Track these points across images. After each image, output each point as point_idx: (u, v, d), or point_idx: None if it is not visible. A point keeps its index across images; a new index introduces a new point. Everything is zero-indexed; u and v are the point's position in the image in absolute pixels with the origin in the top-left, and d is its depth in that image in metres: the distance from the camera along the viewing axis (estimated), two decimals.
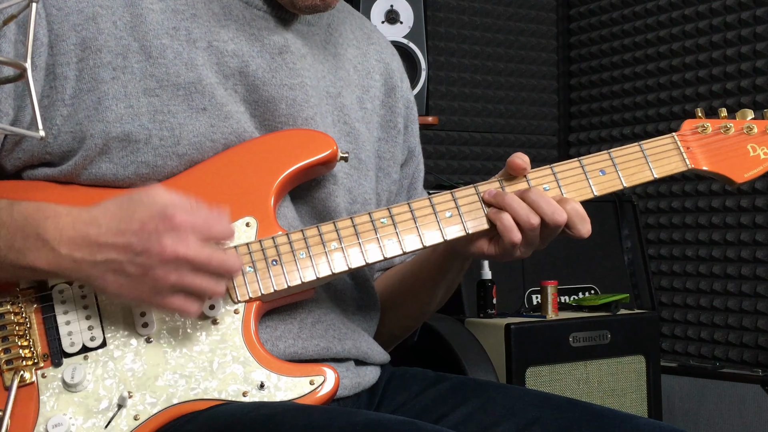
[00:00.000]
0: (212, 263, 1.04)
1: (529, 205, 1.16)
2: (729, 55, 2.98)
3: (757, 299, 2.89)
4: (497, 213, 1.17)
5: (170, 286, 1.03)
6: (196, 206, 1.05)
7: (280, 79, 1.21)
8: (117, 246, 1.03)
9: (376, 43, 1.41)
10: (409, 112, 1.43)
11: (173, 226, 1.02)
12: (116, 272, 1.03)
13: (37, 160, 1.15)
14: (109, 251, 1.03)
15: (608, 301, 2.50)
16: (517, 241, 1.16)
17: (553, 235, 1.18)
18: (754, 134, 1.28)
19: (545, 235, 1.18)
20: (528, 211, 1.16)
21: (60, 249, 1.04)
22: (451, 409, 1.22)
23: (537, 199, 1.16)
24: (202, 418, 1.07)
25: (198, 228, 1.04)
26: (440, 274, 1.33)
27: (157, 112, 1.14)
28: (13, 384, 1.07)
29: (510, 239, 1.16)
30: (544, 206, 1.16)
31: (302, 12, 1.23)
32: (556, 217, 1.15)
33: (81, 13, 1.13)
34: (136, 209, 1.04)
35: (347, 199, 1.26)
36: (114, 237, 1.03)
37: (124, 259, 1.03)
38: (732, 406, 2.63)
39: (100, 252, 1.03)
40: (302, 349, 1.18)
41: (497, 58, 3.43)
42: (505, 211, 1.16)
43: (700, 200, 3.07)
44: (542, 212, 1.16)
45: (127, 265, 1.03)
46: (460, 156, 3.36)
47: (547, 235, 1.18)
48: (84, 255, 1.04)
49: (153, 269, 1.02)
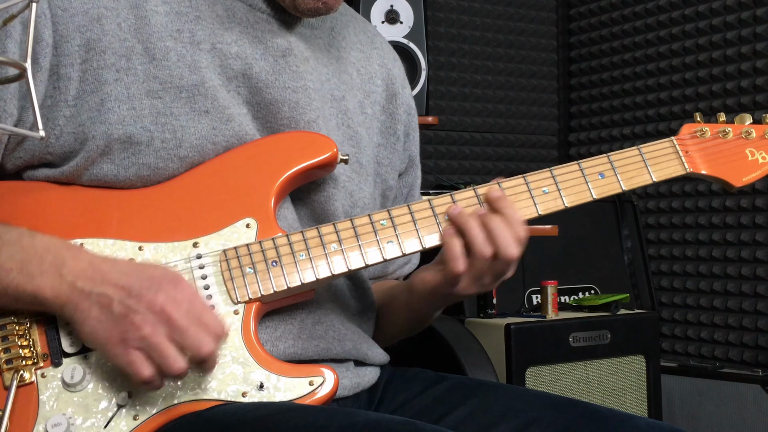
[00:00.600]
0: (188, 334, 1.03)
1: (489, 232, 1.14)
2: (729, 55, 2.98)
3: (757, 299, 2.89)
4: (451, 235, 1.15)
5: (139, 337, 1.02)
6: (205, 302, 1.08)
7: (283, 82, 1.21)
8: (118, 285, 1.04)
9: (379, 48, 1.41)
10: (410, 120, 1.43)
11: (175, 288, 1.04)
12: (102, 307, 1.04)
13: (38, 161, 1.15)
14: (107, 287, 1.04)
15: (608, 301, 2.50)
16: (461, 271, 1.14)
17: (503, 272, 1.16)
18: (752, 139, 1.29)
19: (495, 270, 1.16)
20: (484, 240, 1.14)
21: (67, 276, 1.05)
22: (451, 409, 1.22)
23: (495, 227, 1.14)
24: (202, 418, 1.07)
25: (195, 304, 1.05)
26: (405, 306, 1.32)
27: (159, 114, 1.14)
28: (13, 384, 1.07)
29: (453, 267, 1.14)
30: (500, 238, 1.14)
31: (305, 15, 1.23)
32: (509, 251, 1.14)
33: (86, 15, 1.13)
34: (154, 268, 1.08)
35: (348, 203, 1.26)
36: (120, 277, 1.05)
37: (116, 297, 1.03)
38: (732, 406, 2.63)
39: (101, 286, 1.04)
40: (302, 349, 1.18)
41: (497, 58, 3.43)
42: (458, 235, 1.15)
43: (700, 200, 3.07)
44: (498, 244, 1.14)
45: (116, 303, 1.03)
46: (460, 156, 3.36)
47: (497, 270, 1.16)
48: (84, 285, 1.04)
49: (135, 314, 1.03)
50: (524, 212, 1.20)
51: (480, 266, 1.15)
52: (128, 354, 1.03)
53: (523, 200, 1.20)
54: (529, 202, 1.20)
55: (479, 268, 1.15)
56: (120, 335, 1.03)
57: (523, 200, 1.20)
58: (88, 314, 1.04)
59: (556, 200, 1.21)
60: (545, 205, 1.21)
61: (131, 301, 1.03)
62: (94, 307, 1.04)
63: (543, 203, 1.21)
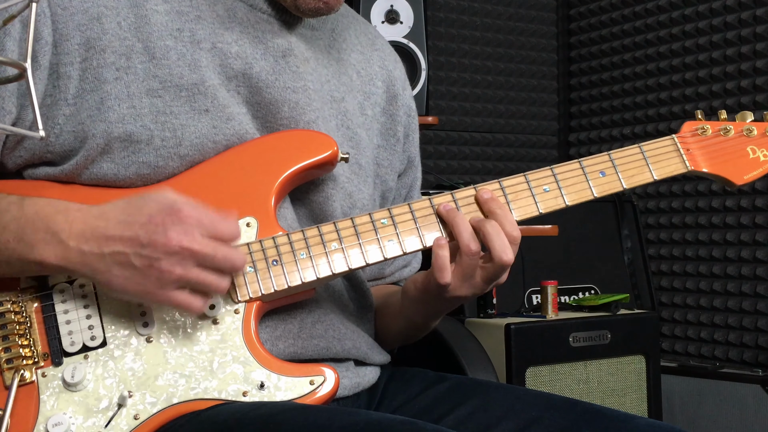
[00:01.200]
0: (217, 257, 1.05)
1: (484, 235, 1.14)
2: (729, 55, 2.98)
3: (757, 299, 2.89)
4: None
5: (175, 280, 1.04)
6: (204, 207, 1.06)
7: (283, 82, 1.21)
8: (124, 238, 1.04)
9: (380, 50, 1.41)
10: (410, 121, 1.42)
11: (180, 220, 1.03)
12: (122, 265, 1.04)
13: (38, 159, 1.15)
14: (116, 243, 1.04)
15: (608, 301, 2.50)
16: (448, 283, 1.14)
17: (496, 276, 1.16)
18: (753, 136, 1.28)
19: (488, 272, 1.15)
20: (471, 235, 1.14)
21: (69, 242, 1.05)
22: (451, 409, 1.22)
23: (489, 232, 1.14)
24: (202, 417, 1.07)
25: (204, 224, 1.05)
26: (399, 310, 1.31)
27: (159, 113, 1.14)
28: (14, 383, 1.07)
29: (438, 271, 1.14)
30: (494, 242, 1.13)
31: (306, 15, 1.23)
32: (503, 255, 1.13)
33: (86, 13, 1.13)
34: (144, 204, 1.05)
35: (347, 204, 1.26)
36: (121, 229, 1.04)
37: (130, 251, 1.03)
38: (732, 406, 2.63)
39: (108, 244, 1.04)
40: (302, 349, 1.18)
41: (497, 58, 3.43)
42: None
43: (700, 200, 3.07)
44: (491, 247, 1.13)
45: (134, 257, 1.03)
46: (460, 156, 3.36)
47: (491, 272, 1.15)
48: (92, 248, 1.04)
49: (158, 261, 1.03)
50: (525, 210, 1.19)
51: (467, 263, 1.14)
52: (173, 297, 1.05)
53: (524, 198, 1.20)
54: (529, 200, 1.20)
55: (467, 265, 1.15)
56: (155, 284, 1.04)
57: (523, 198, 1.20)
58: (111, 275, 1.05)
59: (557, 198, 1.21)
60: (546, 203, 1.20)
61: (147, 251, 1.03)
62: (114, 267, 1.04)
63: (544, 201, 1.20)
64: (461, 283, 1.16)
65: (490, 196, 1.17)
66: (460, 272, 1.15)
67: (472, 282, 1.16)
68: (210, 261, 1.05)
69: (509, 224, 1.15)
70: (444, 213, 1.16)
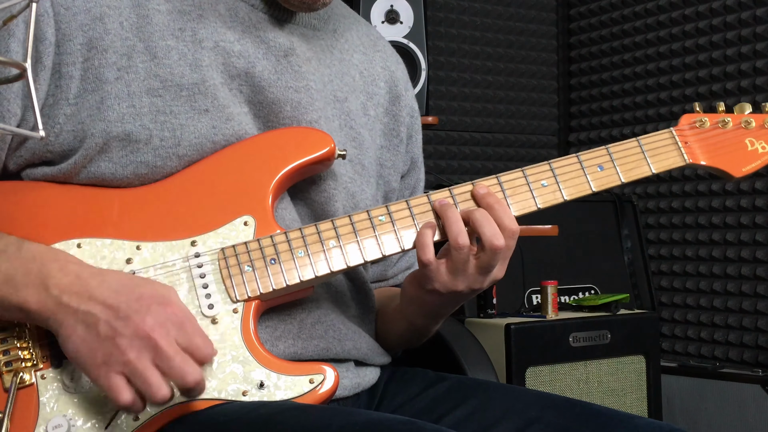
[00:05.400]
0: (174, 363, 1.01)
1: (473, 222, 1.13)
2: (729, 55, 2.98)
3: (757, 299, 2.89)
4: (427, 225, 1.15)
5: (123, 362, 1.00)
6: (196, 324, 1.05)
7: (285, 82, 1.21)
8: (106, 304, 1.02)
9: (382, 50, 1.41)
10: (413, 122, 1.42)
11: (164, 312, 1.02)
12: (87, 326, 1.02)
13: (38, 159, 1.15)
14: (95, 305, 1.02)
15: (608, 301, 2.50)
16: (429, 258, 1.13)
17: (489, 265, 1.14)
18: (752, 128, 1.27)
19: (481, 262, 1.14)
20: (460, 229, 1.13)
21: (52, 290, 1.03)
22: (451, 409, 1.22)
23: (477, 219, 1.13)
24: (202, 417, 1.07)
25: (185, 329, 1.03)
26: (399, 312, 1.31)
27: (159, 112, 1.14)
28: (13, 385, 1.06)
29: (421, 256, 1.13)
30: (484, 227, 1.12)
31: (295, 8, 1.23)
32: (494, 240, 1.12)
33: (88, 13, 1.13)
34: (143, 285, 1.05)
35: (349, 204, 1.26)
36: (108, 295, 1.03)
37: (103, 317, 1.01)
38: (732, 406, 2.63)
39: (88, 303, 1.02)
40: (302, 349, 1.18)
41: (497, 58, 3.43)
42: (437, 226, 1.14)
43: (700, 200, 3.07)
44: (481, 233, 1.12)
45: (102, 324, 1.01)
46: (460, 156, 3.36)
47: (483, 262, 1.14)
48: (71, 301, 1.03)
49: (121, 337, 1.00)
50: (523, 205, 1.19)
51: (456, 257, 1.14)
52: (110, 377, 1.01)
53: (522, 193, 1.19)
54: (527, 195, 1.19)
55: (457, 259, 1.14)
56: (103, 357, 1.01)
57: (522, 193, 1.19)
58: (73, 332, 1.02)
59: (555, 193, 1.21)
60: (544, 198, 1.20)
61: (118, 324, 1.01)
62: (79, 325, 1.02)
63: (542, 196, 1.20)
64: (453, 277, 1.15)
65: (486, 191, 1.17)
66: (451, 266, 1.14)
67: (466, 275, 1.15)
68: (165, 363, 1.00)
69: (507, 218, 1.15)
70: (437, 207, 1.16)
